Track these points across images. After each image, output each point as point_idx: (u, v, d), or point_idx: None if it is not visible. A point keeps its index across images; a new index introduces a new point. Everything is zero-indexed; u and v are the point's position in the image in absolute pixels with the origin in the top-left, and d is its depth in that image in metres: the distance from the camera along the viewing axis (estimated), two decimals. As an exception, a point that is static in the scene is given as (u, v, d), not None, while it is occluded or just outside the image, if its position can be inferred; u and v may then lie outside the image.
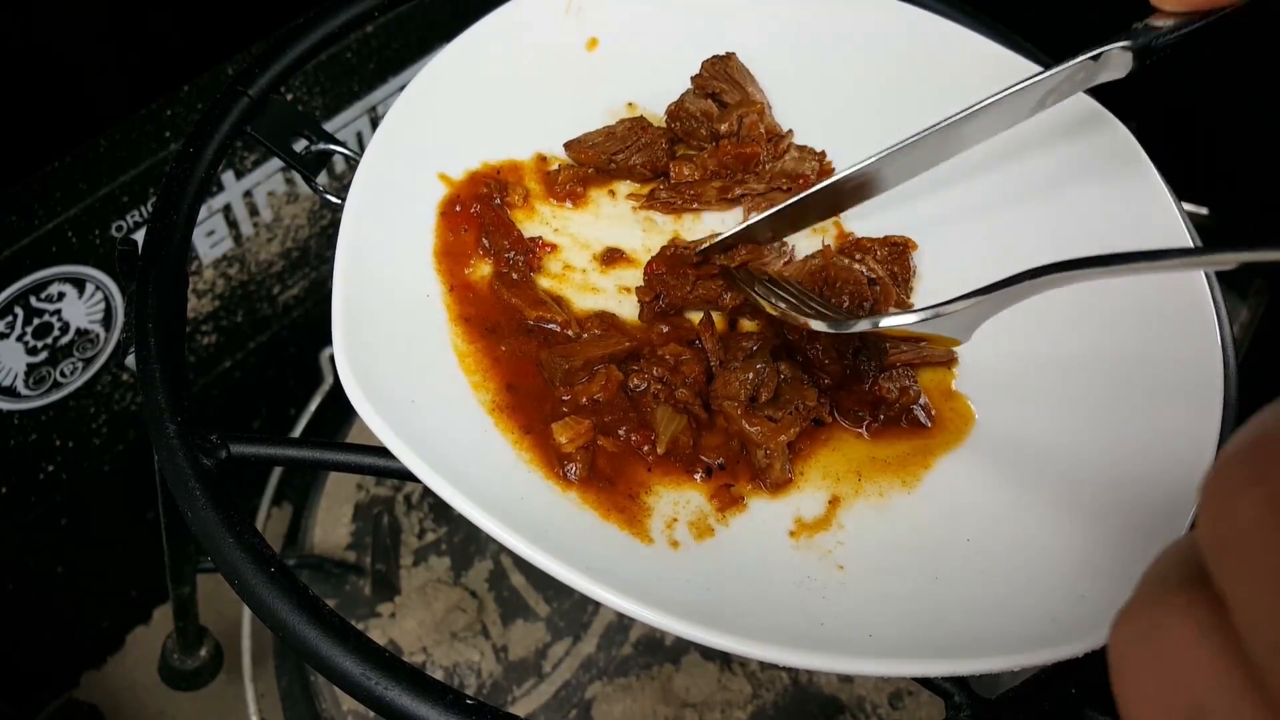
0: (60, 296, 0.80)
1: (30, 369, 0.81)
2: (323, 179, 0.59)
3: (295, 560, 0.89)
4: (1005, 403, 0.54)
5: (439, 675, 0.82)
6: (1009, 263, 0.57)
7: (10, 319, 0.78)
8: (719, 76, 0.65)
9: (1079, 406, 0.52)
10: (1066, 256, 0.56)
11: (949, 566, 0.47)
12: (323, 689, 0.82)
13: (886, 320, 0.48)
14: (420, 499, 0.93)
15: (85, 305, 0.82)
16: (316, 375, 1.04)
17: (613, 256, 0.60)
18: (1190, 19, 0.51)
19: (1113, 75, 0.54)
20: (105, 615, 1.05)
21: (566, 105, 0.65)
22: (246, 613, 0.90)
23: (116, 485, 0.93)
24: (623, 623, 0.85)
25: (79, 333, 0.83)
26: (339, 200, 0.55)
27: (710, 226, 0.63)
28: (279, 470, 1.03)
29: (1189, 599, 0.24)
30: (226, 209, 0.90)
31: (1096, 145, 0.60)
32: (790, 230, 0.61)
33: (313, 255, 1.03)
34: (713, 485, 0.51)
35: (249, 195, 0.92)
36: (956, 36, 0.64)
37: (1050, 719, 0.42)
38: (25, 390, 0.81)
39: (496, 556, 0.89)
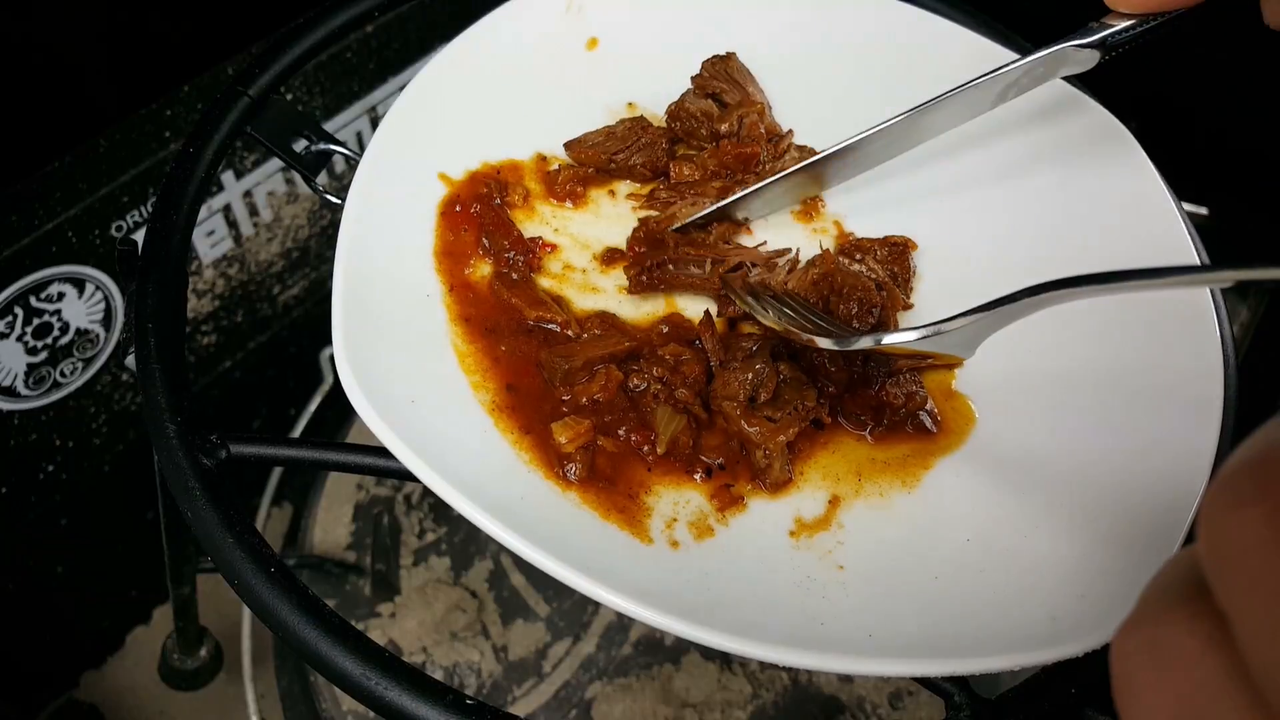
0: (60, 296, 0.80)
1: (30, 369, 0.81)
2: (323, 179, 0.59)
3: (295, 560, 0.89)
4: (1006, 403, 0.54)
5: (439, 675, 0.82)
6: (1009, 263, 0.58)
7: (10, 319, 0.78)
8: (719, 76, 0.65)
9: (1079, 407, 0.52)
10: (1065, 255, 0.57)
11: (949, 566, 0.47)
12: (323, 689, 0.82)
13: (889, 337, 0.48)
14: (420, 499, 0.93)
15: (85, 305, 0.82)
16: (316, 375, 1.04)
17: (613, 256, 0.60)
18: (1144, 19, 0.53)
19: (1076, 69, 0.55)
20: (105, 615, 1.05)
21: (566, 105, 0.65)
22: (246, 613, 0.90)
23: (116, 485, 0.93)
24: (623, 623, 0.85)
25: (79, 333, 0.83)
26: (339, 200, 0.55)
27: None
28: (279, 470, 1.03)
29: (1192, 614, 0.24)
30: (226, 209, 0.90)
31: (1095, 143, 0.60)
32: (765, 211, 0.62)
33: (313, 255, 1.02)
34: (712, 485, 0.51)
35: (249, 195, 0.92)
36: (956, 36, 0.64)
37: (1050, 719, 0.42)
38: (25, 390, 0.81)
39: (496, 556, 0.89)
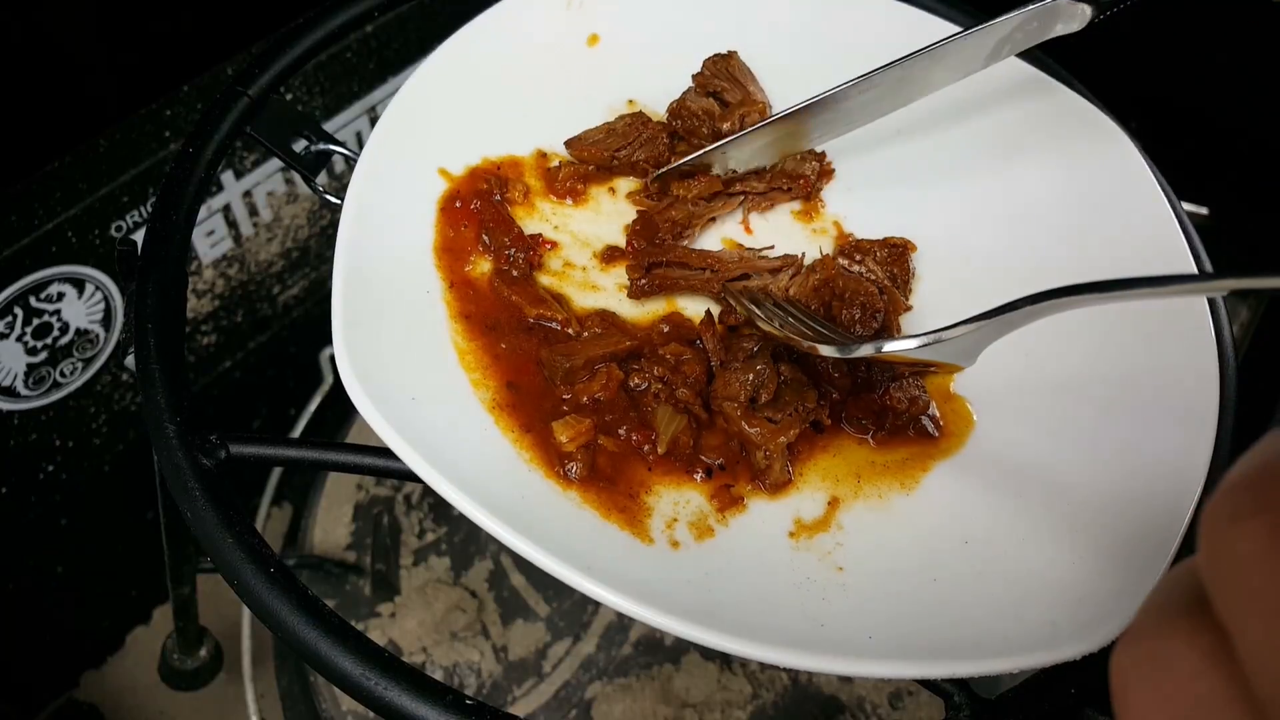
0: (60, 296, 0.80)
1: (30, 369, 0.81)
2: (322, 179, 0.59)
3: (295, 560, 0.89)
4: (1004, 406, 0.54)
5: (439, 675, 0.82)
6: (1009, 264, 0.58)
7: (10, 319, 0.78)
8: (720, 75, 0.65)
9: (1078, 409, 0.52)
10: (1066, 255, 0.57)
11: (948, 568, 0.47)
12: (323, 689, 0.82)
13: (890, 345, 0.48)
14: (420, 499, 0.93)
15: (85, 305, 0.82)
16: (316, 375, 1.04)
17: (613, 254, 0.60)
18: None
19: (1067, 28, 0.56)
20: (105, 615, 1.05)
21: (567, 101, 0.65)
22: (246, 613, 0.90)
23: (116, 485, 0.93)
24: (623, 623, 0.85)
25: (79, 333, 0.83)
26: (339, 200, 0.55)
27: (709, 226, 0.62)
28: (279, 470, 1.03)
29: (1192, 627, 0.24)
30: (226, 209, 0.90)
31: (1094, 145, 0.60)
32: (748, 164, 0.62)
33: (313, 255, 1.02)
34: (713, 485, 0.51)
35: (249, 195, 0.92)
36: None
37: (1050, 719, 0.42)
38: (25, 390, 0.81)
39: (496, 556, 0.89)
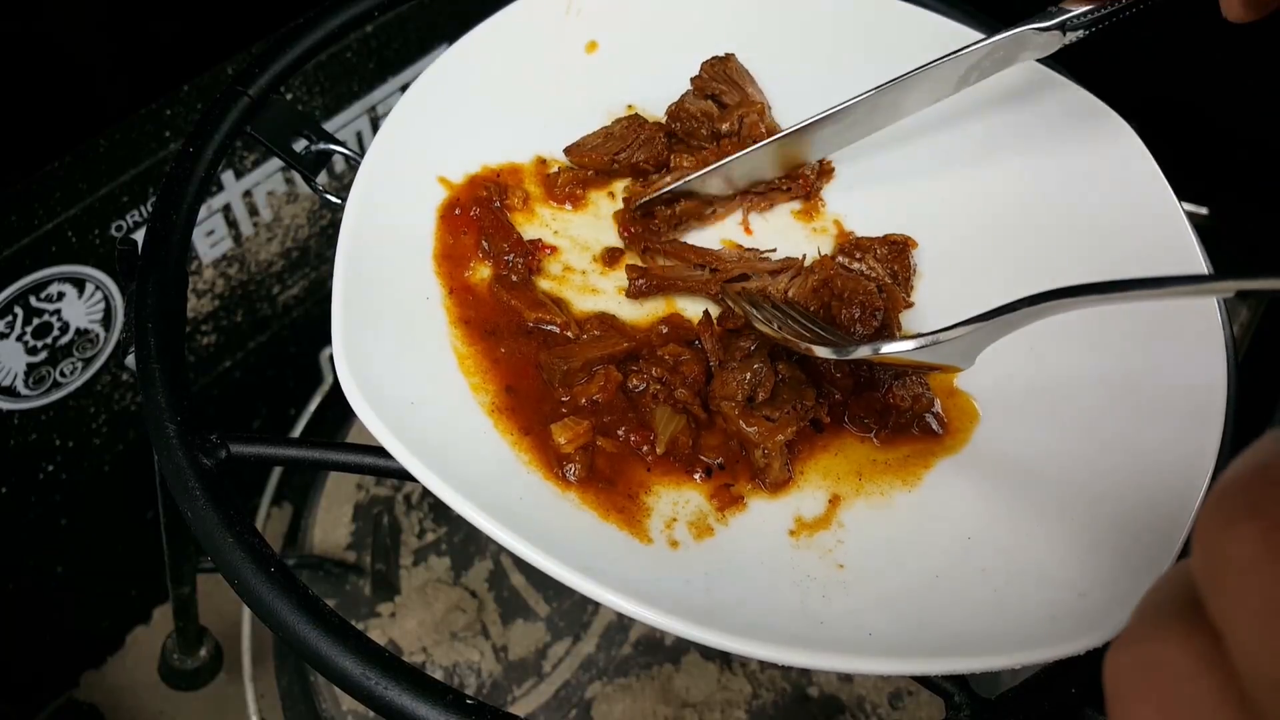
0: (60, 296, 0.80)
1: (30, 369, 0.81)
2: (322, 179, 0.59)
3: (295, 560, 0.89)
4: (1009, 402, 0.54)
5: (439, 675, 0.82)
6: (1010, 261, 0.58)
7: (10, 319, 0.78)
8: (718, 77, 0.65)
9: (1081, 407, 0.52)
10: (1066, 252, 0.57)
11: (949, 565, 0.47)
12: (323, 689, 0.82)
13: (887, 347, 0.48)
14: (420, 499, 0.93)
15: (85, 305, 0.82)
16: (316, 375, 1.04)
17: (613, 257, 0.60)
18: (1101, 3, 0.53)
19: (1039, 53, 0.56)
20: (105, 615, 1.05)
21: (566, 108, 0.65)
22: (246, 613, 0.90)
23: (116, 485, 0.93)
24: (623, 623, 0.85)
25: (79, 333, 0.83)
26: (339, 200, 0.55)
27: (709, 226, 0.63)
28: (279, 470, 1.03)
29: (1186, 630, 0.24)
30: (226, 209, 0.90)
31: (1097, 141, 0.60)
32: (733, 187, 0.62)
33: (313, 255, 1.02)
34: (712, 485, 0.51)
35: (249, 195, 0.92)
36: (957, 37, 0.64)
37: (1050, 718, 0.42)
38: (25, 390, 0.81)
39: (496, 556, 0.89)
